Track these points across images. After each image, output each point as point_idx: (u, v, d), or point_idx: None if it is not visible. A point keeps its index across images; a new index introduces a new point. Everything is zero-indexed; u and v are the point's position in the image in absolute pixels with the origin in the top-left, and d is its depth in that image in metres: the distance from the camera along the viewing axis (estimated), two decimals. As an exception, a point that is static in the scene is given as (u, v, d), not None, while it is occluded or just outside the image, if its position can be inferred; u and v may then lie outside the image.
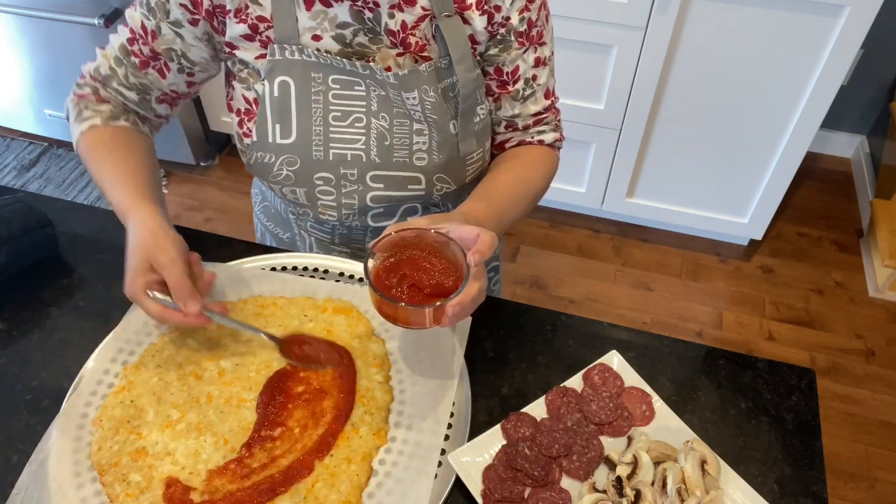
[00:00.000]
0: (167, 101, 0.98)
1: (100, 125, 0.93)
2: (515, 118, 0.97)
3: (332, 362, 0.83)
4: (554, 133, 1.00)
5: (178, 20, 0.87)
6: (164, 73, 0.92)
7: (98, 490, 0.74)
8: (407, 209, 0.98)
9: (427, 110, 0.88)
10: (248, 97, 0.91)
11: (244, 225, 2.47)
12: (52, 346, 0.89)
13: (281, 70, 0.86)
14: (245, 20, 0.85)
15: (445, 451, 0.78)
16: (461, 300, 0.70)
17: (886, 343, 2.16)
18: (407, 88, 0.86)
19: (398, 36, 0.86)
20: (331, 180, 0.92)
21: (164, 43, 0.89)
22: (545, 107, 0.97)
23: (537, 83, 0.94)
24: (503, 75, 0.92)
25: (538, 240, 2.45)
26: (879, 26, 2.23)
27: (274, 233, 1.15)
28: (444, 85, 0.89)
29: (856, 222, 2.52)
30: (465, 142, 0.92)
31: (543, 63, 0.94)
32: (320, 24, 0.85)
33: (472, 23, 0.86)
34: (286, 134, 0.89)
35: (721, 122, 2.03)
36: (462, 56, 0.87)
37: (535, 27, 0.90)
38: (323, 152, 0.90)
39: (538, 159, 0.98)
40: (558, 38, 1.93)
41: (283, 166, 0.90)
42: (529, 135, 0.99)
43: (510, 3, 0.86)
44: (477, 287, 0.72)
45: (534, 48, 0.91)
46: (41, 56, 2.38)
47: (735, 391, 0.87)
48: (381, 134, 0.90)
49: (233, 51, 0.89)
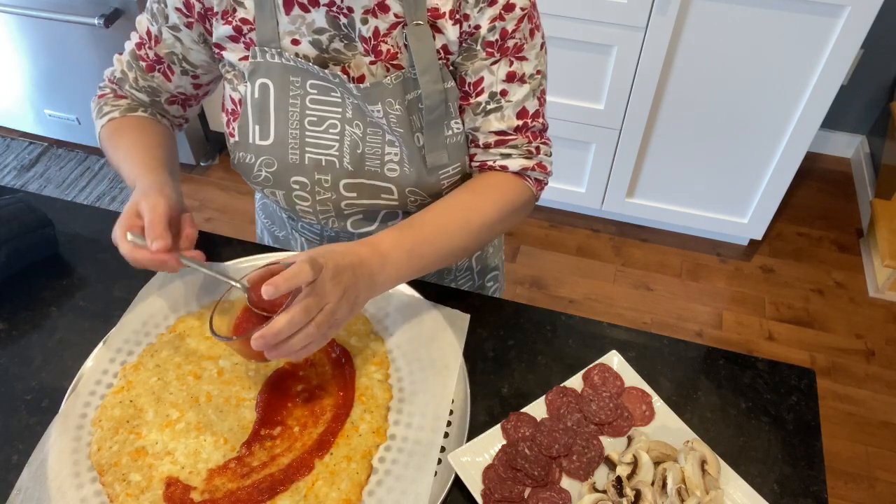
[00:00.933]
0: (177, 103, 1.01)
1: (118, 117, 0.96)
2: (476, 132, 0.90)
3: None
4: (523, 160, 0.91)
5: (175, 24, 0.89)
6: (169, 76, 0.95)
7: (98, 490, 0.74)
8: (386, 215, 0.97)
9: (392, 123, 0.86)
10: (235, 98, 0.92)
11: (244, 225, 2.47)
12: (52, 346, 0.89)
13: (262, 72, 0.87)
14: (230, 22, 0.86)
15: (445, 448, 0.78)
16: (263, 333, 0.68)
17: (886, 343, 2.16)
18: (371, 101, 0.85)
19: (370, 43, 0.85)
20: (306, 185, 0.92)
21: (165, 47, 0.92)
22: (513, 127, 0.89)
23: (507, 99, 0.87)
24: (465, 85, 0.88)
25: (538, 240, 2.45)
26: (879, 26, 2.23)
27: (271, 230, 1.16)
28: (412, 97, 0.86)
29: (856, 222, 2.52)
30: (432, 154, 0.89)
31: (520, 80, 0.87)
32: (298, 28, 0.85)
33: (444, 32, 0.83)
34: (265, 135, 0.89)
35: (721, 122, 2.03)
36: (427, 67, 0.84)
37: (512, 39, 0.84)
38: (298, 156, 0.90)
39: (492, 187, 0.90)
40: (558, 38, 1.94)
41: (262, 167, 0.91)
42: (491, 156, 0.91)
43: (478, 11, 0.82)
44: (284, 320, 0.68)
45: (508, 61, 0.85)
46: (41, 56, 2.38)
47: (735, 391, 0.87)
48: (353, 142, 0.89)
49: (221, 52, 0.90)
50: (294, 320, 0.68)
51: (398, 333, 0.89)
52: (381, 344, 0.87)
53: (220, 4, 0.85)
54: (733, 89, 1.94)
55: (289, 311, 0.68)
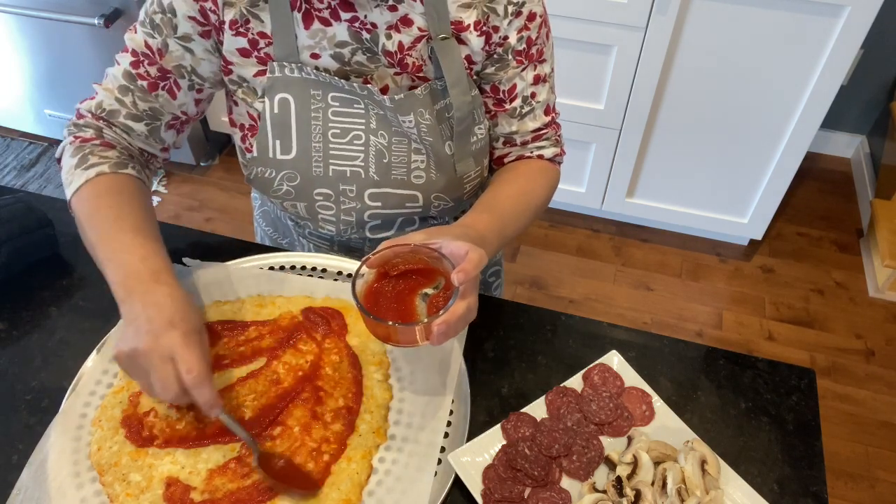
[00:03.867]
0: (175, 128, 0.93)
1: (108, 172, 0.84)
2: (514, 135, 0.96)
3: (299, 487, 0.74)
4: (554, 148, 0.99)
5: (187, 34, 0.85)
6: (175, 92, 0.89)
7: (98, 490, 0.74)
8: (404, 221, 0.99)
9: (423, 133, 0.88)
10: (252, 113, 0.91)
11: (244, 225, 2.47)
12: (52, 346, 0.89)
13: (280, 87, 0.86)
14: (245, 34, 0.85)
15: (444, 448, 0.78)
16: (447, 319, 0.70)
17: (886, 343, 2.16)
18: (403, 112, 0.86)
19: (395, 56, 0.86)
20: (330, 196, 0.92)
21: (172, 60, 0.86)
22: (544, 123, 0.96)
23: (536, 100, 0.94)
24: (500, 93, 0.92)
25: (538, 240, 2.45)
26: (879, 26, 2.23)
27: (273, 237, 1.15)
28: (440, 106, 0.89)
29: (856, 222, 2.52)
30: (461, 162, 0.92)
31: (543, 80, 0.93)
32: (318, 42, 0.85)
33: (468, 43, 0.86)
34: (286, 150, 0.89)
35: (721, 122, 2.03)
36: (457, 79, 0.86)
37: (535, 45, 0.89)
38: (322, 168, 0.90)
39: (539, 172, 0.97)
40: (558, 38, 1.94)
41: (283, 181, 0.91)
42: (528, 150, 0.98)
43: (508, 23, 0.86)
44: (464, 305, 0.71)
45: (533, 66, 0.91)
46: (41, 56, 2.38)
47: (735, 391, 0.87)
48: (379, 151, 0.90)
49: (229, 65, 0.88)
50: (472, 303, 0.72)
51: (398, 333, 0.89)
52: (381, 344, 0.87)
53: (229, 13, 0.83)
54: (733, 89, 1.94)
55: (466, 297, 0.71)
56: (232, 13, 0.83)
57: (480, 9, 0.85)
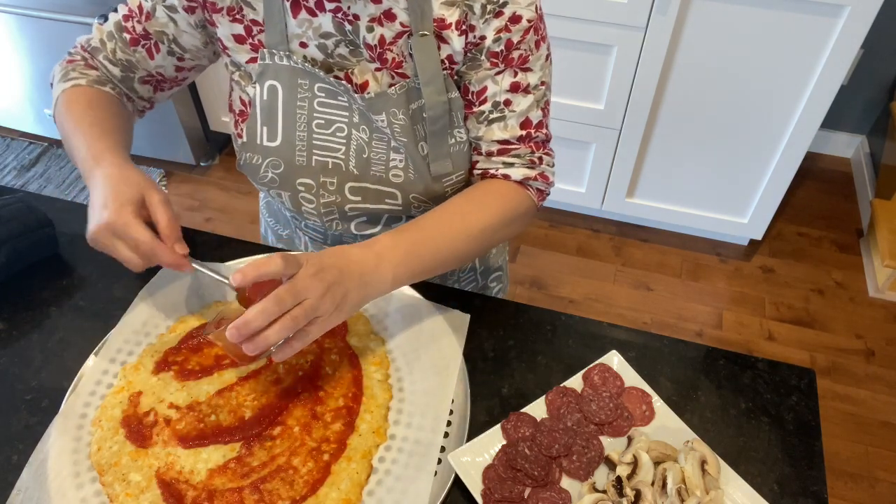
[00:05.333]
0: (151, 84, 0.97)
1: (84, 85, 0.92)
2: (479, 141, 0.91)
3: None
4: (526, 170, 0.91)
5: (173, 5, 0.87)
6: (153, 53, 0.93)
7: (98, 490, 0.74)
8: (390, 218, 0.97)
9: (396, 133, 0.87)
10: (244, 99, 0.92)
11: (244, 225, 2.47)
12: (52, 346, 0.89)
13: (270, 74, 0.87)
14: (240, 20, 0.86)
15: (444, 448, 0.78)
16: (236, 323, 0.67)
17: (886, 343, 2.16)
18: (375, 111, 0.86)
19: (375, 50, 0.85)
20: (311, 187, 0.92)
21: (157, 24, 0.90)
22: (516, 136, 0.89)
23: (510, 109, 0.88)
24: (469, 94, 0.88)
25: (538, 240, 2.45)
26: (879, 26, 2.23)
27: (275, 229, 1.16)
28: (416, 106, 0.87)
29: (856, 222, 2.52)
30: (436, 163, 0.89)
31: (524, 90, 0.87)
32: (305, 31, 0.85)
33: (450, 42, 0.84)
34: (272, 137, 0.90)
35: (721, 121, 2.03)
36: (431, 78, 0.84)
37: (517, 50, 0.84)
38: (305, 158, 0.90)
39: (493, 195, 0.90)
40: (559, 38, 1.94)
41: (268, 169, 0.91)
42: (494, 164, 0.92)
43: (484, 23, 0.82)
44: (256, 309, 0.67)
45: (512, 72, 0.86)
46: (41, 56, 2.38)
47: (735, 391, 0.87)
48: (360, 146, 0.90)
49: (226, 50, 0.90)
50: (267, 310, 0.68)
51: (398, 333, 0.89)
52: (381, 344, 0.87)
53: (224, 1, 0.85)
54: (733, 89, 1.94)
55: (262, 302, 0.68)
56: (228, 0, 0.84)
57: (461, 7, 0.82)
